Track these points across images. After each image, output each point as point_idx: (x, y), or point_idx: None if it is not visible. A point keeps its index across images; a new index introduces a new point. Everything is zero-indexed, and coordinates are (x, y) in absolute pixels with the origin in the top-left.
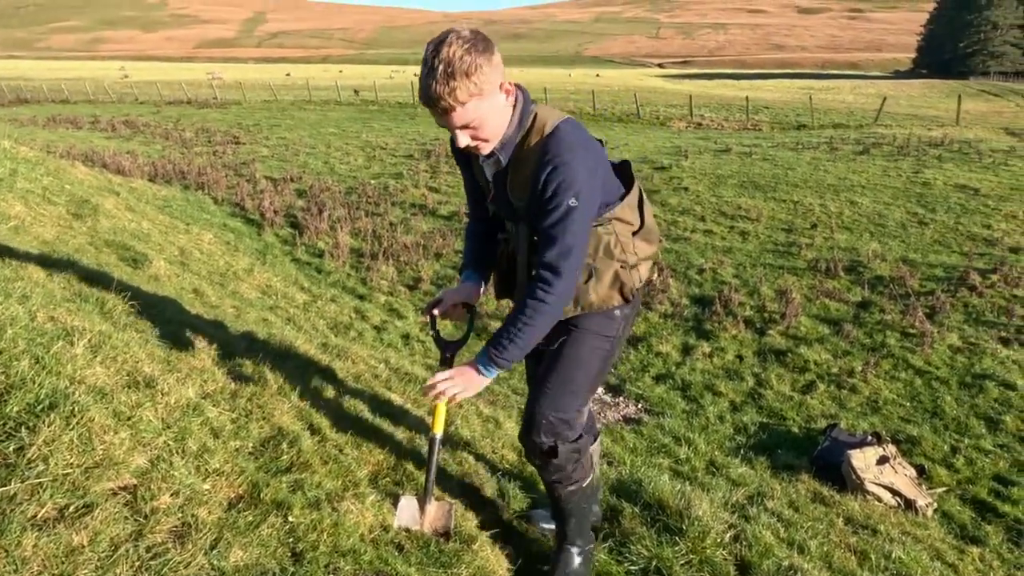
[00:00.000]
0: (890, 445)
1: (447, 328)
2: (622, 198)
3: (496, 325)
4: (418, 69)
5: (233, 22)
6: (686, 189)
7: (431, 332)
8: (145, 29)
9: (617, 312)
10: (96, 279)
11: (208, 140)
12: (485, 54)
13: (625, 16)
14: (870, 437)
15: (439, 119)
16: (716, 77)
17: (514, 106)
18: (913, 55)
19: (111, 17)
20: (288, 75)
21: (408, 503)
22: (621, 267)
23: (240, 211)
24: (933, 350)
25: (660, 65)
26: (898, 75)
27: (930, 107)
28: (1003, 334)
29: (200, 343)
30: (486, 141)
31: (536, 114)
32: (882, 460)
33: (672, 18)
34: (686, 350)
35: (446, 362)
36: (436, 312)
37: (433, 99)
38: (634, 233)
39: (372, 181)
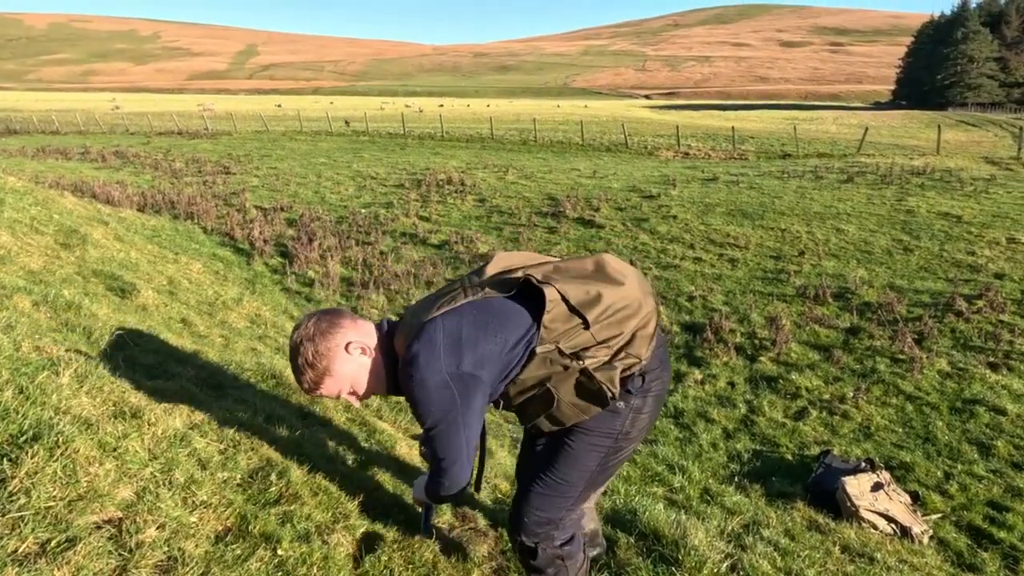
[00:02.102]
0: (884, 471)
1: None
2: (538, 321)
3: None
4: (409, 100)
5: (225, 54)
6: (675, 217)
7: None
8: (137, 61)
9: (620, 405)
10: (83, 309)
11: (198, 170)
12: (318, 338)
13: (612, 49)
14: (864, 463)
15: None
16: (702, 108)
17: (380, 352)
18: (893, 87)
19: (102, 50)
20: (279, 106)
21: None
22: (582, 374)
23: (230, 240)
24: (923, 375)
25: (647, 96)
26: (879, 106)
27: (911, 137)
28: (991, 359)
29: (188, 373)
30: (372, 394)
31: (392, 349)
32: (876, 487)
33: (658, 51)
34: (678, 377)
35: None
36: None
37: (299, 386)
38: (587, 327)
39: (363, 210)
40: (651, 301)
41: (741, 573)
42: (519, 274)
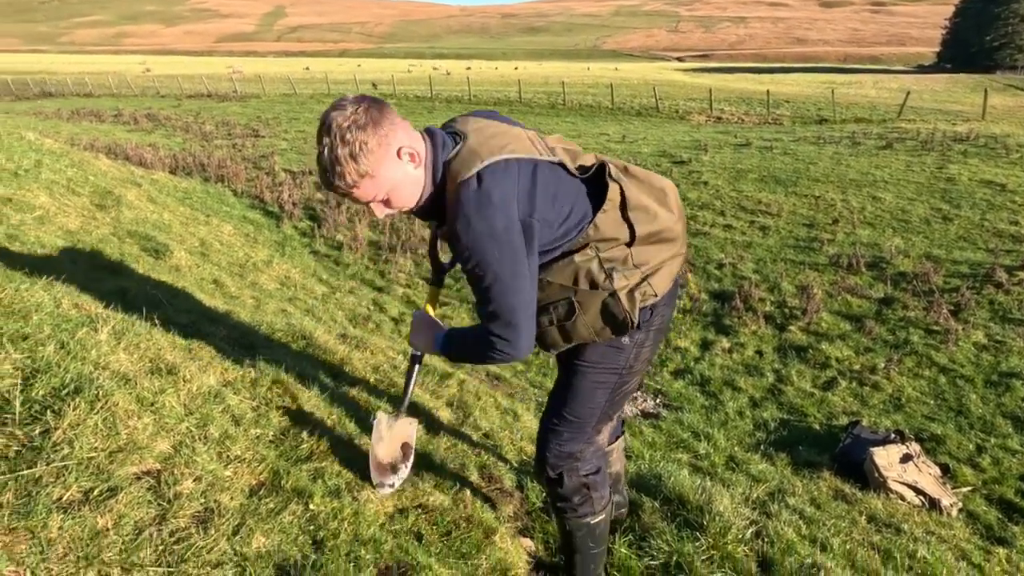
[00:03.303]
0: (914, 443)
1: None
2: (595, 212)
3: None
4: (436, 63)
5: (252, 16)
6: (705, 183)
7: (439, 258)
8: (167, 23)
9: (625, 340)
10: (119, 268)
11: (228, 133)
12: (370, 128)
13: (644, 9)
14: (893, 435)
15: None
16: (736, 71)
17: (428, 166)
18: (937, 49)
19: (133, 12)
20: (307, 69)
21: (381, 419)
22: (610, 296)
23: (259, 203)
24: (958, 347)
25: (679, 59)
26: (922, 69)
27: (955, 102)
28: None
29: (220, 332)
30: (401, 209)
31: (450, 166)
32: (905, 458)
33: (692, 12)
34: (705, 345)
35: (437, 283)
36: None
37: (326, 185)
38: (630, 244)
39: None
40: (685, 242)
41: (766, 540)
42: (592, 160)
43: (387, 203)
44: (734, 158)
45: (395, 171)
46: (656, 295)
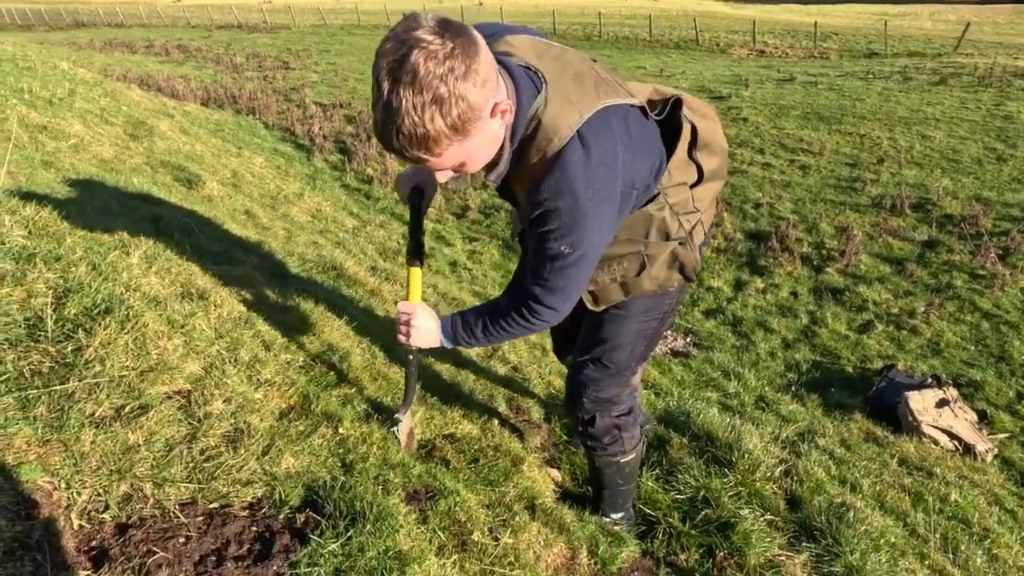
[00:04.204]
0: (951, 388)
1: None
2: (667, 159)
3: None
4: None
5: None
6: (745, 120)
7: (414, 228)
8: None
9: (672, 289)
10: (152, 197)
11: (259, 65)
12: (466, 76)
13: None
14: (930, 379)
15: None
16: (782, 1)
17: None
18: None
19: None
20: None
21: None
22: (680, 244)
23: (290, 136)
24: (1004, 293)
25: None
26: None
27: (1018, 35)
28: None
29: (252, 261)
30: (468, 173)
31: (540, 122)
32: (941, 403)
33: None
34: (738, 286)
35: (420, 263)
36: (424, 208)
37: (397, 151)
38: (693, 185)
39: None
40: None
41: (795, 478)
42: (650, 91)
43: (458, 168)
44: (776, 94)
45: (485, 131)
46: (704, 235)
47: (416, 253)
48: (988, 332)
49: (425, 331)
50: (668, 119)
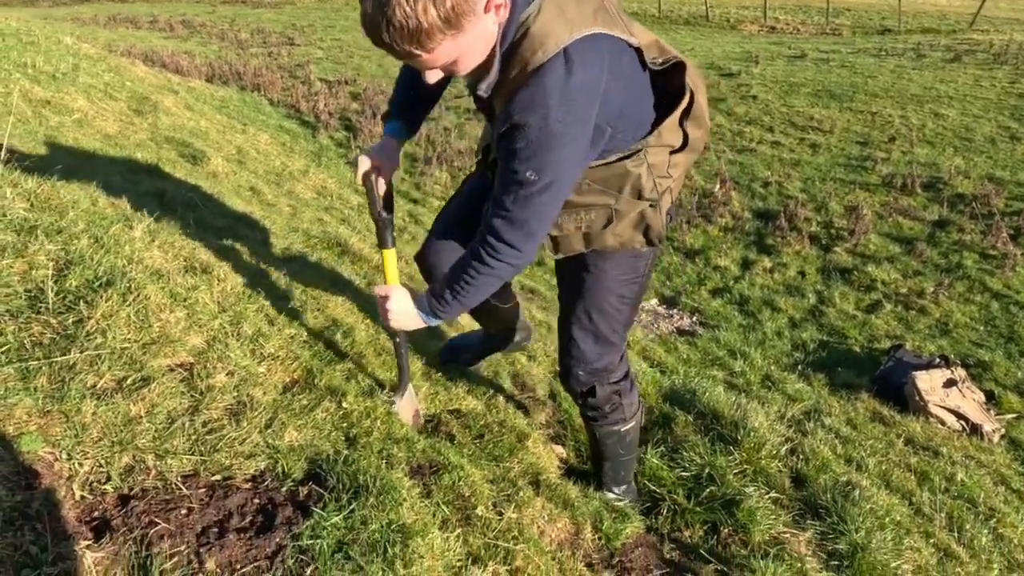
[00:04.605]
0: (959, 368)
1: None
2: (663, 118)
3: None
4: None
5: None
6: (755, 98)
7: (376, 211)
8: None
9: (636, 248)
10: (157, 172)
11: (263, 41)
12: None
13: None
14: (938, 359)
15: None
16: None
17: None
18: None
19: None
20: None
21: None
22: (650, 206)
23: (295, 113)
24: (1015, 273)
25: None
26: None
27: None
28: None
29: (257, 236)
30: (459, 73)
31: (528, 30)
32: (949, 383)
33: None
34: (746, 264)
35: (391, 243)
36: (380, 188)
37: (387, 45)
38: (674, 151)
39: None
40: None
41: (800, 457)
42: (673, 54)
43: (451, 67)
44: (787, 71)
45: (479, 27)
46: (670, 203)
47: (384, 235)
48: (998, 312)
49: (403, 313)
50: (667, 79)
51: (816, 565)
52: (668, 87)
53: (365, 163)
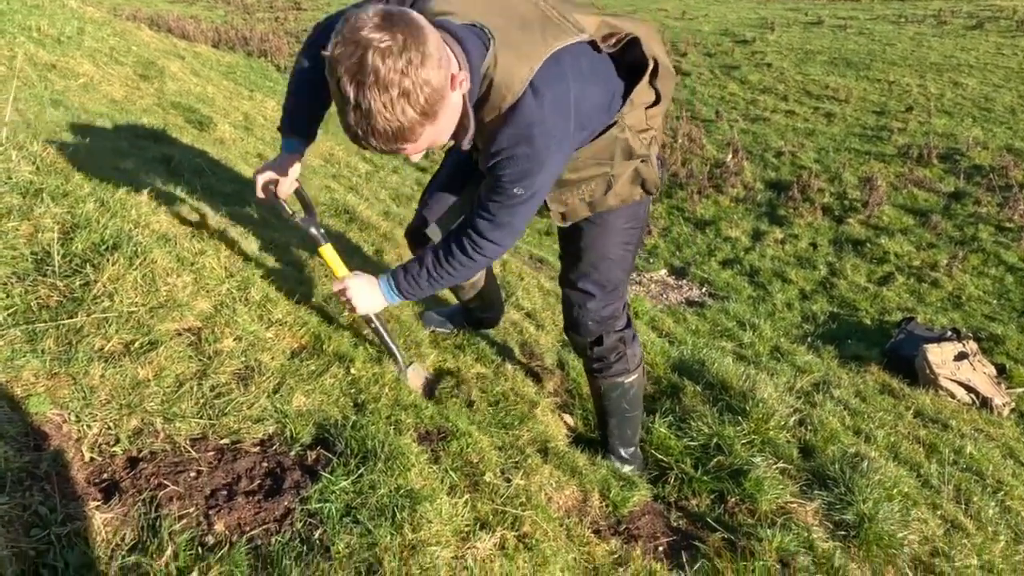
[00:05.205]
0: (971, 342)
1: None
2: (631, 88)
3: None
4: None
5: None
6: (769, 65)
7: (287, 217)
8: None
9: (637, 199)
10: (163, 138)
11: (270, 6)
12: (424, 62)
13: None
14: (949, 332)
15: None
16: None
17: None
18: None
19: None
20: None
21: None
22: (642, 162)
23: None
24: None
25: None
26: None
27: None
28: None
29: (263, 203)
30: (441, 145)
31: (492, 80)
32: (960, 356)
33: None
34: (756, 236)
35: (318, 238)
36: (281, 195)
37: (373, 148)
38: (649, 107)
39: None
40: None
41: (809, 428)
42: (597, 23)
43: (431, 146)
44: (803, 38)
45: (450, 108)
46: (657, 149)
47: (311, 235)
48: (1012, 286)
49: (364, 296)
50: (623, 54)
51: (823, 535)
52: (629, 60)
53: (260, 180)
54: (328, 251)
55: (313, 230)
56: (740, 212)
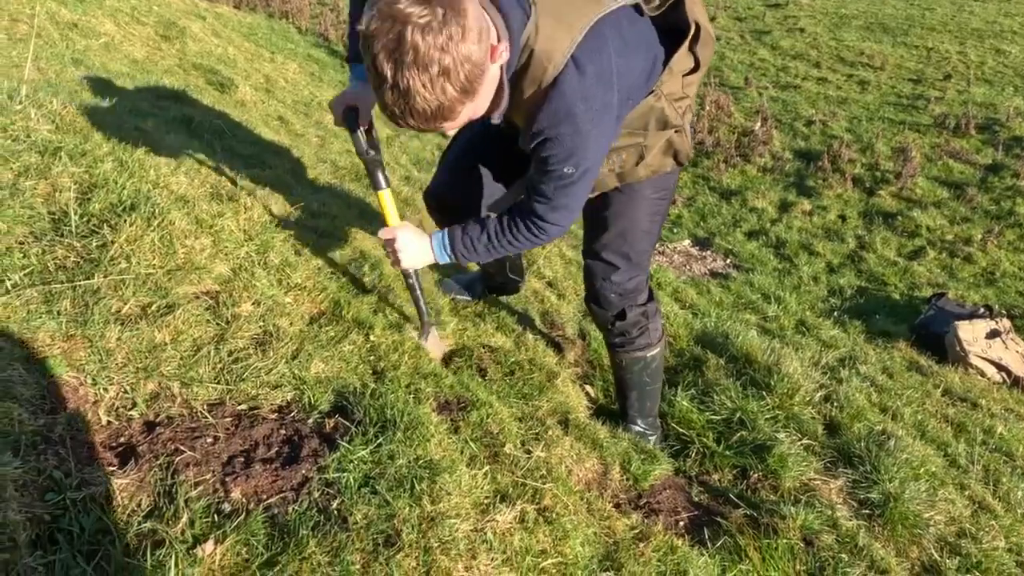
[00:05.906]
0: (1004, 319)
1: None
2: (672, 53)
3: None
4: None
5: None
6: (802, 30)
7: (362, 152)
8: None
9: (668, 171)
10: (184, 99)
11: None
12: (464, 37)
13: None
14: (982, 309)
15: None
16: None
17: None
18: None
19: None
20: None
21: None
22: (676, 132)
23: (324, 41)
24: None
25: None
26: None
27: None
28: None
29: (284, 165)
30: (478, 118)
31: (533, 51)
32: (993, 334)
33: None
34: (784, 207)
35: (379, 181)
36: (362, 122)
37: (412, 127)
38: (687, 74)
39: None
40: None
41: (835, 404)
42: None
43: (468, 120)
44: (838, 2)
45: (489, 80)
46: (690, 117)
47: (375, 176)
48: None
49: (413, 250)
50: (665, 17)
51: (847, 513)
52: (671, 22)
53: (339, 106)
54: (386, 196)
55: (379, 172)
56: (767, 182)
